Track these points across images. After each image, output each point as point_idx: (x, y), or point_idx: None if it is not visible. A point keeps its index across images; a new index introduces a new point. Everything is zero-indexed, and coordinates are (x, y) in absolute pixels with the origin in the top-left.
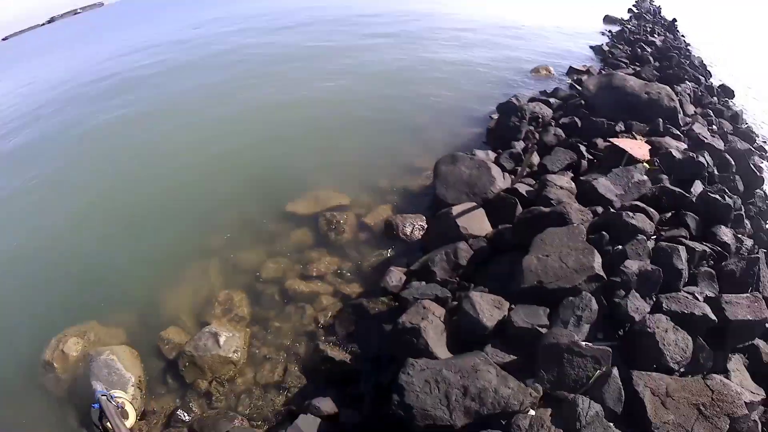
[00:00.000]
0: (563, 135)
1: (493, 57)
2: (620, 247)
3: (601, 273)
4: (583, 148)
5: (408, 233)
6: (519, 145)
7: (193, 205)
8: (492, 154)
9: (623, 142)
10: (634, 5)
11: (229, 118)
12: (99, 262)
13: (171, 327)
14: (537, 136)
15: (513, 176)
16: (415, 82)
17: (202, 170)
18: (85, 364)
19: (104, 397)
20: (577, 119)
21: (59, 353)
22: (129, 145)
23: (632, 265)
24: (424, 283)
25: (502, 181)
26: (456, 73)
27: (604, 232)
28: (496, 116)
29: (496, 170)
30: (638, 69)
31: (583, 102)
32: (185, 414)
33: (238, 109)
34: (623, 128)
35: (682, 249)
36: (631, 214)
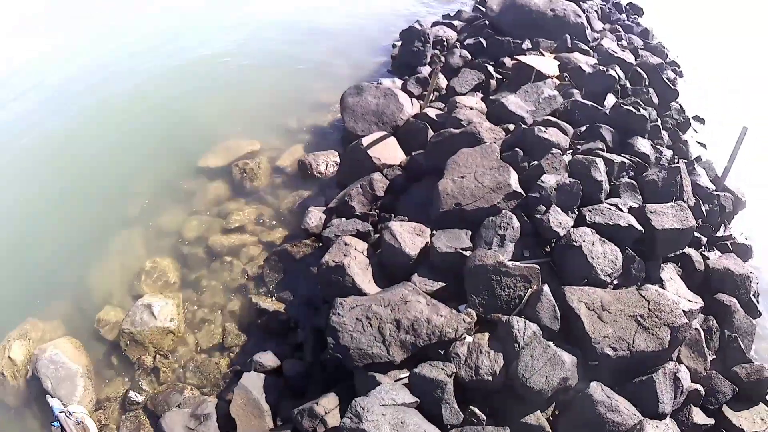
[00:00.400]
0: (469, 56)
1: None
2: (536, 162)
3: (519, 190)
4: (490, 68)
5: (322, 171)
6: (425, 70)
7: (104, 178)
8: (399, 82)
9: (531, 59)
10: None
11: (127, 84)
12: (20, 255)
13: (106, 307)
14: (442, 59)
15: (421, 102)
16: (313, 20)
17: (107, 140)
18: (32, 365)
19: (62, 414)
20: (482, 40)
21: (7, 361)
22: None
23: (550, 180)
24: (344, 219)
25: (410, 108)
26: (354, 3)
27: (518, 149)
28: (399, 44)
29: (403, 97)
30: None
31: (487, 23)
32: (137, 394)
33: (138, 75)
34: (530, 46)
35: (599, 161)
36: (543, 129)
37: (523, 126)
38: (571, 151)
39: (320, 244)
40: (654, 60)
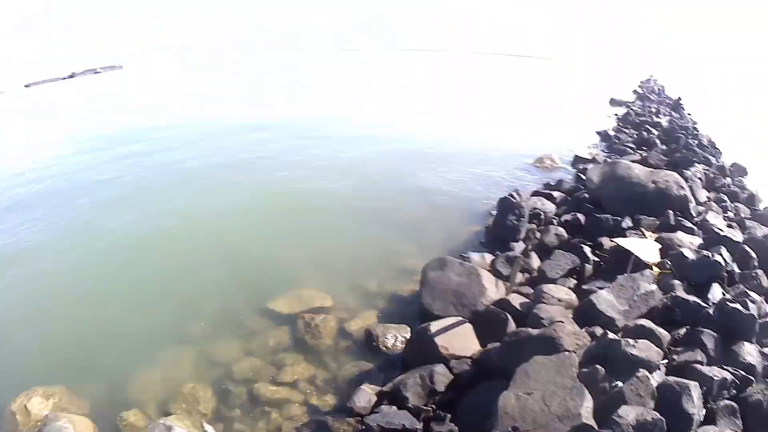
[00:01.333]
0: (566, 235)
1: (498, 146)
2: (618, 384)
3: (591, 422)
4: (587, 250)
5: (389, 345)
6: (518, 247)
7: (175, 290)
8: (488, 257)
9: (630, 243)
10: (639, 86)
11: (218, 206)
12: (79, 332)
13: (134, 409)
14: (537, 235)
15: (508, 284)
16: (414, 174)
17: (188, 256)
18: (42, 425)
19: None
20: (580, 216)
21: (22, 408)
22: (118, 226)
23: (629, 414)
24: (394, 408)
25: (494, 291)
26: (457, 164)
27: (599, 366)
28: (495, 213)
29: (488, 278)
30: (645, 154)
31: (587, 196)
32: None
33: (227, 197)
34: (630, 224)
35: (694, 386)
36: (632, 342)
37: (610, 334)
38: (666, 361)
39: (363, 428)
40: (762, 231)
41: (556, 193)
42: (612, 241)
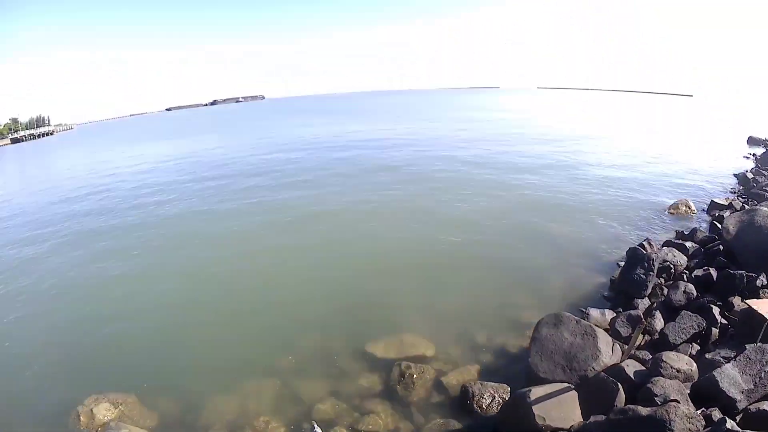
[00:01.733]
0: (695, 293)
1: (631, 189)
2: None
3: None
4: (716, 311)
5: (484, 406)
6: (643, 304)
7: (271, 322)
8: (609, 314)
9: (764, 305)
10: None
11: (334, 241)
12: (167, 346)
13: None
14: (665, 291)
15: (626, 346)
16: (541, 215)
17: (290, 289)
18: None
19: None
20: (712, 271)
21: (89, 411)
22: (232, 249)
23: None
24: None
25: (609, 355)
26: (588, 208)
27: None
28: (623, 263)
29: (604, 340)
30: None
31: (721, 248)
32: None
33: (345, 233)
34: (765, 281)
35: None
36: None
37: (727, 422)
38: None
39: None
40: None
41: (689, 244)
42: (744, 302)
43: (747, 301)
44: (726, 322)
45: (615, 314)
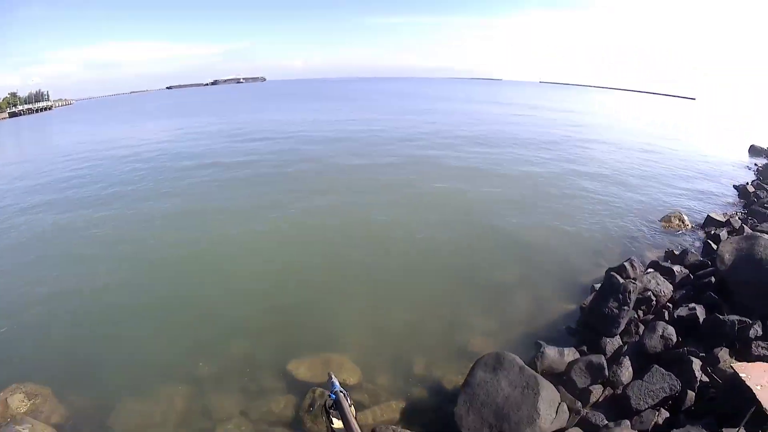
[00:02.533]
0: (674, 338)
1: (621, 197)
2: None
3: None
4: (696, 365)
5: None
6: (612, 345)
7: (204, 321)
8: (569, 355)
9: (754, 373)
10: None
11: (275, 232)
12: (90, 340)
13: None
14: (640, 330)
15: (578, 404)
16: (515, 224)
17: (231, 287)
18: (4, 424)
19: (342, 394)
20: (699, 310)
21: (4, 401)
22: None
23: None
24: None
25: (549, 420)
26: (571, 213)
27: None
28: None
29: (547, 399)
30: None
31: (713, 279)
32: None
33: (286, 222)
34: (760, 332)
35: None
36: None
37: None
38: None
39: None
40: None
41: (677, 268)
42: (731, 365)
43: (735, 365)
44: (707, 380)
45: (575, 357)
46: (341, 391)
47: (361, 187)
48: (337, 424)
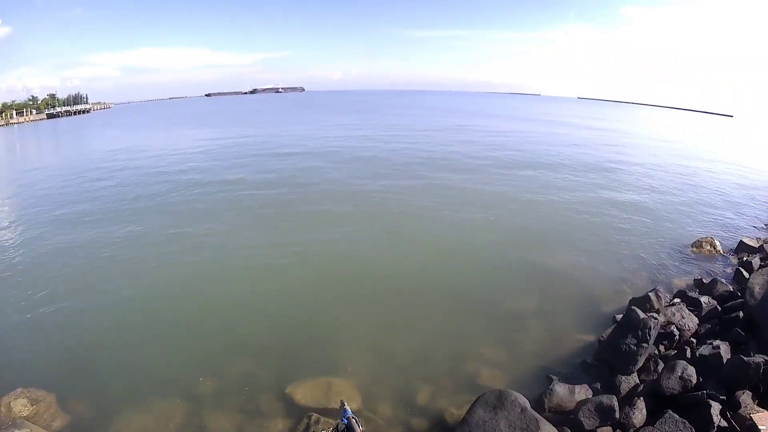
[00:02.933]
0: (694, 379)
1: (653, 220)
2: None
3: None
4: (715, 410)
5: None
6: (627, 383)
7: (208, 337)
8: (580, 393)
9: None
10: None
11: (288, 253)
12: (100, 346)
13: None
14: (659, 368)
15: None
16: (540, 246)
17: (238, 304)
18: (4, 428)
19: (354, 420)
20: (723, 349)
21: (7, 404)
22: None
23: None
24: None
25: None
26: (598, 236)
27: None
28: (620, 317)
29: None
30: None
31: (741, 314)
32: None
33: (299, 243)
34: None
35: None
36: None
37: None
38: None
39: None
40: None
41: (705, 299)
42: (753, 410)
43: (754, 415)
44: (726, 425)
45: (586, 396)
46: (353, 418)
47: (379, 211)
48: None
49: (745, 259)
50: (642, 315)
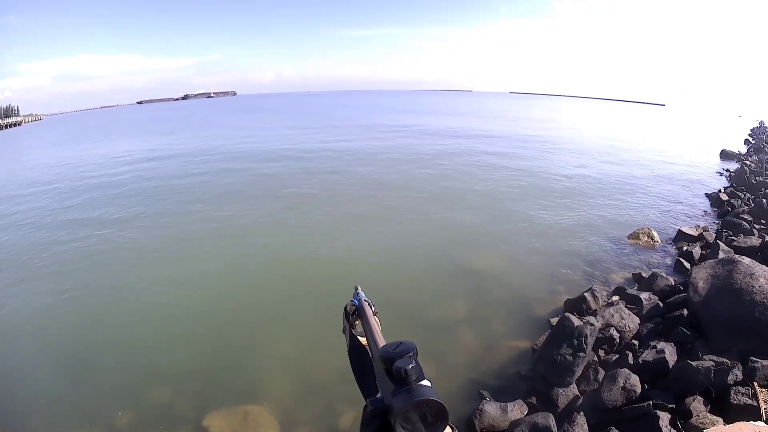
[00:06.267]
0: (638, 389)
1: (585, 213)
2: None
3: None
4: (663, 421)
5: None
6: (565, 396)
7: (127, 360)
8: (513, 411)
9: None
10: (749, 135)
11: (207, 270)
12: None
13: None
14: (599, 377)
15: None
16: (464, 249)
17: (159, 324)
18: None
19: (367, 302)
20: (668, 352)
21: None
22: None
23: None
24: None
25: None
26: (529, 231)
27: None
28: (555, 321)
29: None
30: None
31: (685, 312)
32: None
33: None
34: (740, 376)
35: None
36: None
37: None
38: None
39: None
40: None
41: (645, 296)
42: (707, 419)
43: (709, 430)
44: None
45: (521, 415)
46: (366, 300)
47: (298, 218)
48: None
49: (685, 248)
50: (577, 322)
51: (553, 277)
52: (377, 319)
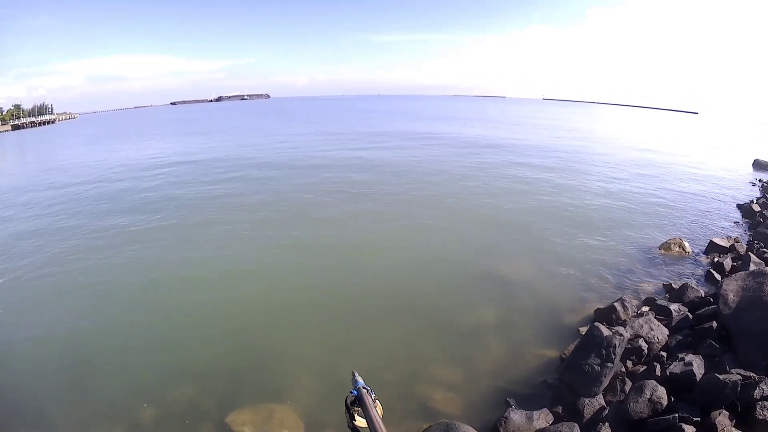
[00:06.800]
0: (664, 400)
1: (616, 221)
2: None
3: None
4: None
5: None
6: (591, 406)
7: (152, 358)
8: (539, 420)
9: None
10: None
11: (233, 269)
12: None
13: None
14: (626, 388)
15: None
16: (497, 253)
17: (188, 323)
18: None
19: (365, 390)
20: (696, 364)
21: None
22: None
23: None
24: None
25: None
26: (558, 241)
27: None
28: (585, 330)
29: None
30: None
31: (715, 324)
32: None
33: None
34: (766, 390)
35: None
36: None
37: None
38: None
39: None
40: None
41: (675, 307)
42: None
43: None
44: None
45: (546, 424)
46: (364, 388)
47: (329, 224)
48: (360, 422)
49: (716, 260)
50: (606, 332)
51: (582, 285)
52: (378, 403)
